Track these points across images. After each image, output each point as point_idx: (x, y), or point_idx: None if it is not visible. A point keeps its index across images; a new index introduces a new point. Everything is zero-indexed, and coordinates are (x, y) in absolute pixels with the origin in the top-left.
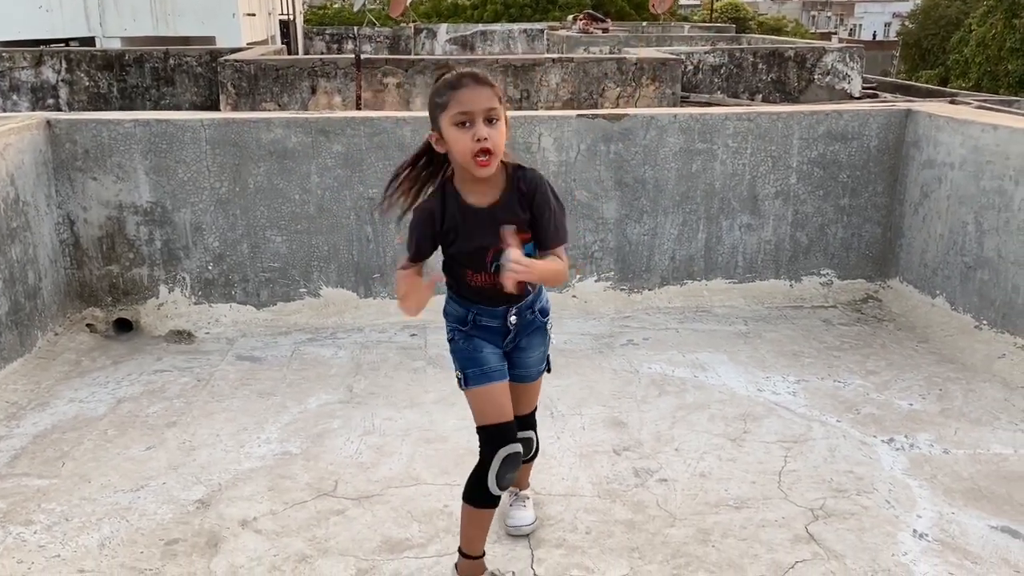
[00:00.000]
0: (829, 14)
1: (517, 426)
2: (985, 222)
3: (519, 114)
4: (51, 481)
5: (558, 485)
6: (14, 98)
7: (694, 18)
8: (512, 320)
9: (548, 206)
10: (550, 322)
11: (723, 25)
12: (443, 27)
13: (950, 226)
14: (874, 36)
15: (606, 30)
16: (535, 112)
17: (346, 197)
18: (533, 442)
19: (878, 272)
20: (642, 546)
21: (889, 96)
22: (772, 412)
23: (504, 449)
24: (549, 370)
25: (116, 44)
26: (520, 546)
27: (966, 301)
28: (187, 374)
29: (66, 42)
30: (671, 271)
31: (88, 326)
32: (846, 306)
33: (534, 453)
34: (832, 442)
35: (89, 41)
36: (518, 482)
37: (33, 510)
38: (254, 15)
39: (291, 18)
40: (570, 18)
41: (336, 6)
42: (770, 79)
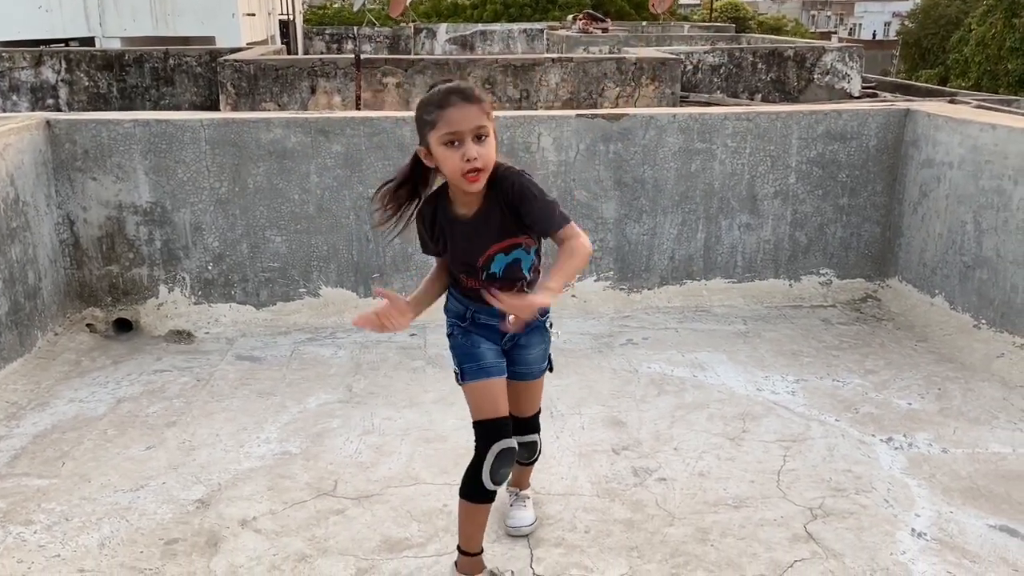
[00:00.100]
0: (829, 13)
1: (520, 429)
2: (984, 221)
3: (519, 114)
4: (51, 481)
5: (557, 484)
6: (14, 98)
7: (694, 18)
8: (510, 319)
9: (528, 197)
10: (549, 320)
11: (723, 25)
12: (443, 27)
13: (949, 225)
14: (874, 35)
15: (606, 30)
16: (535, 112)
17: (345, 197)
18: (536, 446)
19: (877, 271)
20: (641, 545)
21: (889, 95)
22: (771, 411)
23: (498, 444)
24: (551, 369)
25: (116, 44)
26: (519, 545)
27: (965, 300)
28: (187, 374)
29: (66, 42)
30: (670, 271)
31: (88, 326)
32: (845, 305)
33: (536, 456)
34: (831, 441)
35: (89, 41)
36: (518, 482)
37: (33, 510)
38: (254, 15)
39: (291, 18)
40: (570, 18)
41: (336, 6)
42: (769, 79)
